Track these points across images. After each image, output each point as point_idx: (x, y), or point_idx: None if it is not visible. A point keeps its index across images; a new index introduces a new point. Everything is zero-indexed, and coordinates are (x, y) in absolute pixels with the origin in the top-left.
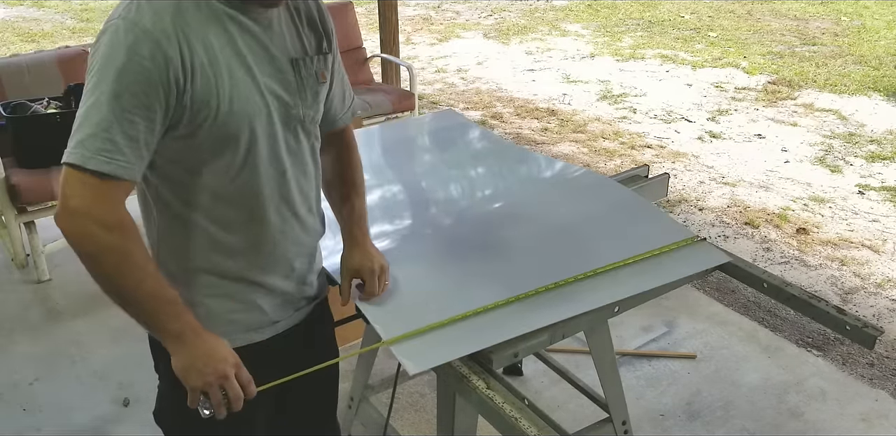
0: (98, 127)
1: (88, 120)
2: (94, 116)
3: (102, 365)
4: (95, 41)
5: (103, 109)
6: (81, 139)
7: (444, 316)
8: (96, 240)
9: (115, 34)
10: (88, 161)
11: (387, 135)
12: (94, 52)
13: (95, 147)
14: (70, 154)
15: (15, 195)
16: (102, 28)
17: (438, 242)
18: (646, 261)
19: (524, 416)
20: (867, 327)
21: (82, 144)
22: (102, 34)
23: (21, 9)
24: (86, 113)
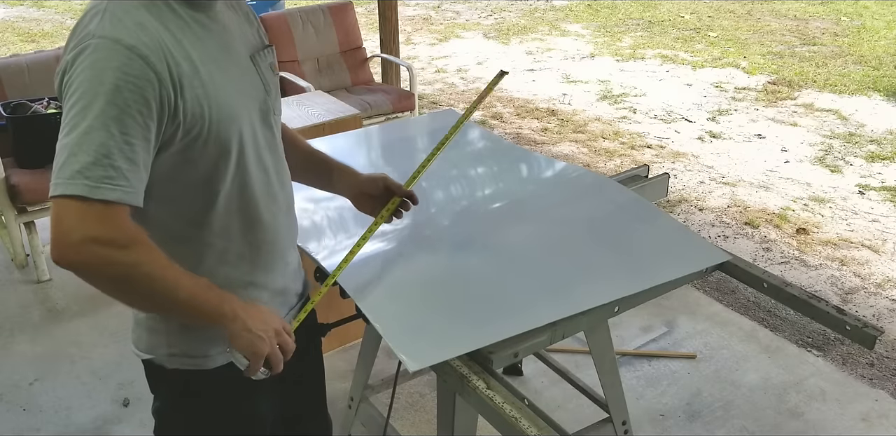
0: (97, 153)
1: (84, 147)
2: (91, 142)
3: (102, 365)
4: (70, 61)
5: (99, 133)
6: (80, 169)
7: (444, 314)
8: (117, 262)
9: (96, 54)
10: (94, 191)
11: (387, 135)
12: (72, 73)
13: (98, 175)
14: (69, 185)
15: (15, 195)
16: (75, 46)
17: (438, 242)
18: (646, 261)
19: (524, 416)
20: (867, 327)
21: (82, 174)
22: (79, 54)
23: (21, 9)
24: (79, 140)
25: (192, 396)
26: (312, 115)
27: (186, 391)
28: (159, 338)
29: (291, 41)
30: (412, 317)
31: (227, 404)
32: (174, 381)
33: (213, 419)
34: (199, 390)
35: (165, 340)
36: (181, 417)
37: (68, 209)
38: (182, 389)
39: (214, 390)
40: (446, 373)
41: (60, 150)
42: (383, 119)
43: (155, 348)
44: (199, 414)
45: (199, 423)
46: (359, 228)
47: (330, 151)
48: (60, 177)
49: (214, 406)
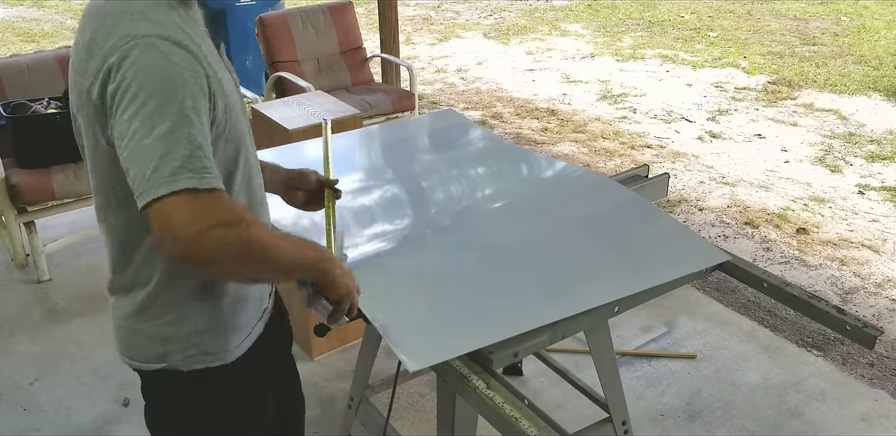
0: (191, 146)
1: (176, 143)
2: (180, 137)
3: (102, 365)
4: (116, 63)
5: (185, 128)
6: (182, 164)
7: (444, 314)
8: (239, 241)
9: (150, 52)
10: (202, 182)
11: (387, 135)
12: (124, 74)
13: (198, 167)
14: (175, 181)
15: (15, 195)
16: (115, 48)
17: (438, 242)
18: (646, 260)
19: (524, 416)
20: (867, 327)
21: (185, 169)
22: (127, 55)
23: (21, 9)
24: (167, 138)
25: (211, 394)
26: (312, 115)
27: (205, 390)
28: (172, 344)
29: (291, 41)
30: (412, 317)
31: (247, 397)
32: (189, 384)
33: (234, 414)
34: (218, 386)
35: (180, 345)
36: (200, 418)
37: (179, 205)
38: (200, 389)
39: (233, 383)
40: (446, 373)
41: (146, 150)
42: (383, 119)
43: (168, 356)
44: (221, 411)
45: (221, 420)
46: (358, 227)
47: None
48: (160, 176)
49: (235, 400)
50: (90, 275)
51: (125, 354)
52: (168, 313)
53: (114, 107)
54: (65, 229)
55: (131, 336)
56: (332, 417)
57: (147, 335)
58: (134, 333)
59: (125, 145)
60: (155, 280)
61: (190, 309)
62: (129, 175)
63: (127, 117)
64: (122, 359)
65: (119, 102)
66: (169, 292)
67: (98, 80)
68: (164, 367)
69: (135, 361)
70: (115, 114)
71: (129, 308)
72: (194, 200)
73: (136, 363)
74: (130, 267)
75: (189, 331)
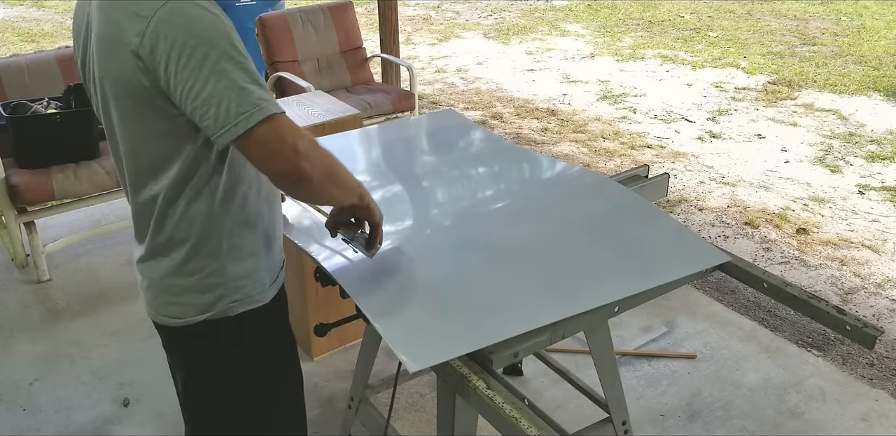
0: (255, 81)
1: (246, 81)
2: (244, 72)
3: (103, 365)
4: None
5: (242, 66)
6: (259, 96)
7: (444, 314)
8: (326, 154)
9: (187, 8)
10: (279, 107)
11: (386, 135)
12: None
13: (269, 97)
14: (262, 109)
15: (15, 195)
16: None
17: (439, 242)
18: (646, 261)
19: (524, 416)
20: (867, 327)
21: (262, 99)
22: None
23: (21, 9)
24: (235, 78)
25: (259, 332)
26: (312, 115)
27: (251, 331)
28: (217, 291)
29: (291, 41)
30: (412, 317)
31: (285, 334)
32: (235, 327)
33: (279, 351)
34: (261, 326)
35: (226, 291)
36: (249, 363)
37: (280, 126)
38: (248, 330)
39: (272, 322)
40: (446, 373)
41: (224, 92)
42: (383, 119)
43: (214, 304)
44: (268, 348)
45: (269, 357)
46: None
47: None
48: (245, 107)
49: (277, 337)
50: (90, 275)
51: (164, 312)
52: (209, 265)
53: (173, 61)
54: (65, 229)
55: (175, 293)
56: (332, 417)
57: (193, 288)
58: (178, 289)
59: (197, 93)
60: (195, 235)
61: (229, 256)
62: (207, 116)
63: (193, 68)
64: (159, 320)
65: (180, 56)
66: (209, 244)
67: (146, 37)
68: (211, 316)
69: (179, 318)
70: (176, 68)
71: (169, 267)
72: (284, 121)
73: (179, 320)
74: (168, 227)
75: (232, 277)
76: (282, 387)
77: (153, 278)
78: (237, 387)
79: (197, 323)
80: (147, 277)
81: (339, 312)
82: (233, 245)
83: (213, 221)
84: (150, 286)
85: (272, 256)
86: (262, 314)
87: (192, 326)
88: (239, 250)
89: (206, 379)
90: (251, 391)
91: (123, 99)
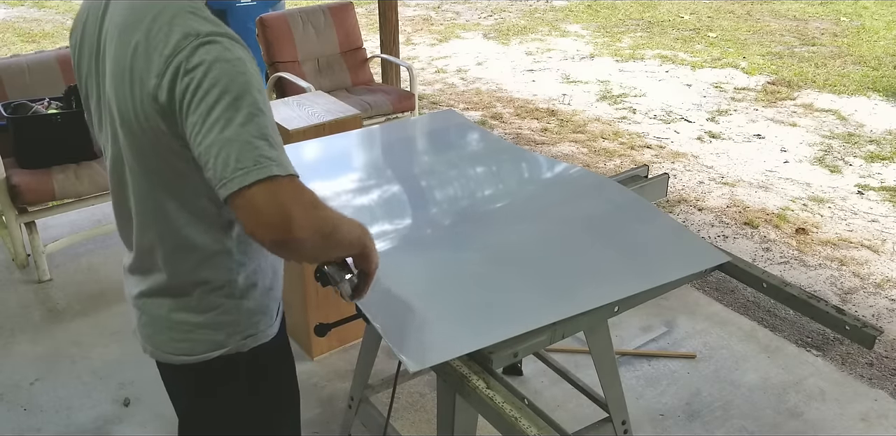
0: (267, 137)
1: (255, 134)
2: (258, 128)
3: (103, 365)
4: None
5: (260, 119)
6: (262, 153)
7: (444, 314)
8: (328, 217)
9: (215, 50)
10: (283, 169)
11: (386, 135)
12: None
13: (276, 156)
14: (263, 169)
15: (16, 195)
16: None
17: (438, 242)
18: (646, 261)
19: (524, 416)
20: (866, 327)
21: (266, 157)
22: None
23: (22, 9)
24: (246, 130)
25: (274, 370)
26: (312, 115)
27: (263, 366)
28: (229, 328)
29: (291, 41)
30: (412, 317)
31: (290, 366)
32: (247, 364)
33: (290, 381)
34: (269, 360)
35: (236, 328)
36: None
37: (278, 185)
38: (260, 367)
39: (278, 354)
40: (446, 373)
41: (226, 142)
42: (383, 119)
43: (227, 340)
44: (280, 381)
45: (282, 390)
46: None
47: (330, 152)
48: (244, 163)
49: (290, 370)
50: (91, 275)
51: (169, 350)
52: (225, 303)
53: (186, 104)
54: (65, 229)
55: (184, 330)
56: (332, 417)
57: (205, 325)
58: (188, 326)
59: (202, 139)
60: (214, 277)
61: (245, 294)
62: (207, 167)
63: (202, 112)
64: (165, 358)
65: (192, 99)
66: (228, 285)
67: (165, 78)
68: (223, 354)
69: (188, 355)
70: (188, 111)
71: (178, 305)
72: (283, 184)
73: (189, 358)
74: (185, 268)
75: (247, 314)
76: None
77: (157, 315)
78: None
79: (210, 360)
80: (148, 313)
81: (339, 312)
82: (251, 283)
83: (235, 260)
84: (151, 322)
85: (279, 286)
86: (270, 347)
87: (205, 363)
88: (255, 287)
89: (213, 412)
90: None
91: (138, 135)
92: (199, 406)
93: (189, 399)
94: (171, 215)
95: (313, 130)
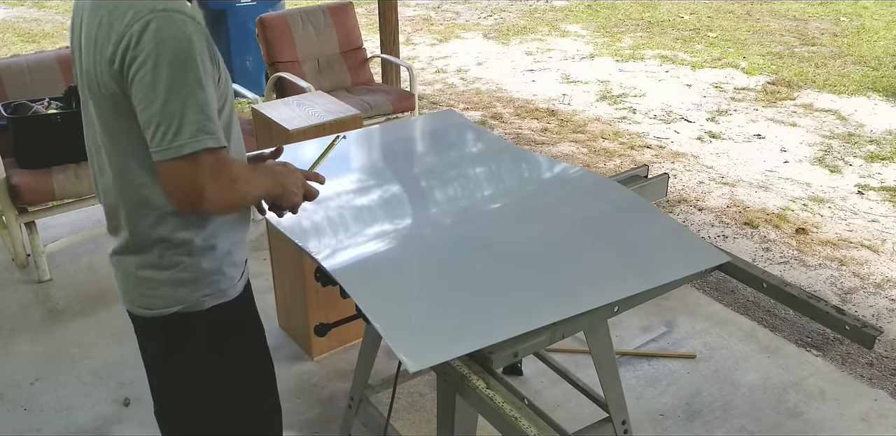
0: (204, 111)
1: (192, 108)
2: (195, 102)
3: (103, 365)
4: (137, 34)
5: (198, 94)
6: (199, 127)
7: (444, 314)
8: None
9: (168, 25)
10: (217, 140)
11: (386, 135)
12: (143, 45)
13: (211, 129)
14: (197, 142)
15: (16, 195)
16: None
17: (439, 242)
18: (646, 261)
19: (524, 416)
20: (866, 327)
21: (202, 131)
22: (146, 27)
23: (22, 9)
24: (183, 103)
25: (236, 330)
26: (313, 115)
27: (226, 326)
28: (189, 286)
29: (291, 41)
30: (412, 317)
31: (259, 327)
32: (209, 322)
33: (255, 346)
34: (237, 322)
35: (197, 285)
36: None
37: (199, 163)
38: (222, 326)
39: (241, 315)
40: (446, 373)
41: (165, 117)
42: (383, 119)
43: (186, 297)
44: (244, 344)
45: (245, 353)
46: (360, 226)
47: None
48: (181, 138)
49: (254, 331)
50: (91, 275)
51: (139, 304)
52: (183, 261)
53: (133, 74)
54: (65, 229)
55: (148, 286)
56: (332, 417)
57: (167, 282)
58: (151, 282)
59: (144, 109)
60: (170, 235)
61: (202, 254)
62: (147, 135)
63: (147, 83)
64: (134, 311)
65: (139, 70)
66: (185, 243)
67: (119, 48)
68: (182, 309)
69: (150, 309)
70: (134, 80)
71: (144, 262)
72: (209, 160)
73: (152, 311)
74: (144, 226)
75: (205, 273)
76: (256, 382)
77: (128, 271)
78: (209, 379)
79: (169, 314)
80: (121, 269)
81: (339, 312)
82: (208, 245)
83: (191, 221)
84: (125, 278)
85: (242, 252)
86: (230, 308)
87: (165, 317)
88: (214, 249)
89: (176, 366)
90: (223, 383)
91: (101, 100)
92: (165, 360)
93: (155, 351)
94: (131, 175)
95: (313, 130)
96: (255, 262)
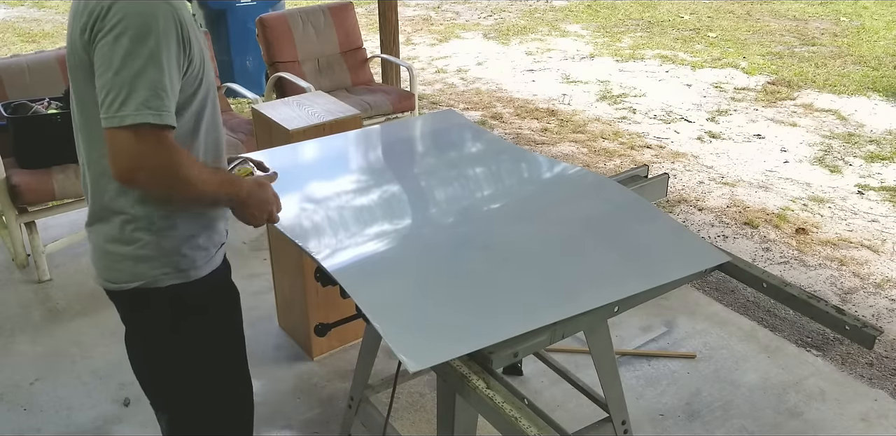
0: (154, 88)
1: (142, 83)
2: (147, 78)
3: (103, 365)
4: (105, 8)
5: (152, 70)
6: (143, 101)
7: (444, 314)
8: (172, 178)
9: (132, 2)
10: (159, 118)
11: (386, 135)
12: (110, 19)
13: (157, 105)
14: (137, 115)
15: (16, 195)
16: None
17: (439, 242)
18: (646, 261)
19: (524, 416)
20: (866, 327)
21: (146, 106)
22: (114, 3)
23: (22, 9)
24: (135, 78)
25: (197, 311)
26: (313, 115)
27: (187, 306)
28: (148, 263)
29: (291, 41)
30: (412, 317)
31: (226, 312)
32: (168, 298)
33: (218, 329)
34: (199, 303)
35: (156, 263)
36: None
37: (136, 137)
38: (183, 306)
39: (214, 298)
40: (446, 373)
41: (115, 86)
42: (383, 119)
43: (144, 273)
44: (204, 326)
45: (205, 335)
46: (360, 226)
47: (330, 152)
48: (126, 109)
49: (218, 315)
50: (91, 275)
51: (104, 276)
52: (143, 238)
53: (96, 43)
54: (65, 229)
55: (112, 259)
56: (332, 417)
57: (129, 257)
58: (114, 256)
59: (100, 75)
60: (129, 210)
61: (161, 234)
62: (99, 100)
63: (106, 53)
64: (100, 283)
65: (102, 40)
66: (143, 220)
67: (91, 19)
68: (140, 285)
69: (113, 282)
70: (96, 49)
71: (109, 235)
72: (149, 135)
73: (114, 285)
74: (107, 196)
75: (164, 252)
76: (218, 366)
77: (97, 244)
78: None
79: (131, 289)
80: (92, 242)
81: (339, 312)
82: (168, 224)
83: (148, 199)
84: (94, 250)
85: (211, 237)
86: (192, 289)
87: (128, 291)
88: (174, 229)
89: (139, 340)
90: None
91: (76, 72)
92: (129, 333)
93: (123, 323)
94: (96, 144)
95: (313, 130)
96: (255, 262)
